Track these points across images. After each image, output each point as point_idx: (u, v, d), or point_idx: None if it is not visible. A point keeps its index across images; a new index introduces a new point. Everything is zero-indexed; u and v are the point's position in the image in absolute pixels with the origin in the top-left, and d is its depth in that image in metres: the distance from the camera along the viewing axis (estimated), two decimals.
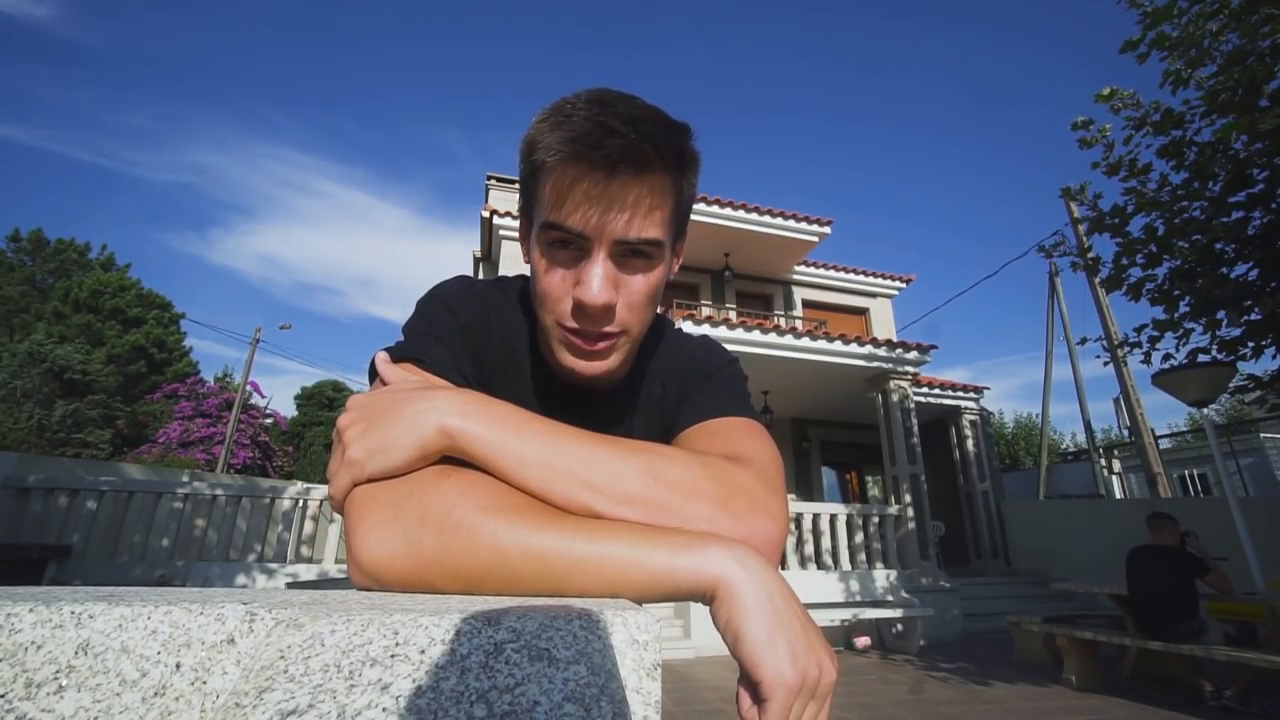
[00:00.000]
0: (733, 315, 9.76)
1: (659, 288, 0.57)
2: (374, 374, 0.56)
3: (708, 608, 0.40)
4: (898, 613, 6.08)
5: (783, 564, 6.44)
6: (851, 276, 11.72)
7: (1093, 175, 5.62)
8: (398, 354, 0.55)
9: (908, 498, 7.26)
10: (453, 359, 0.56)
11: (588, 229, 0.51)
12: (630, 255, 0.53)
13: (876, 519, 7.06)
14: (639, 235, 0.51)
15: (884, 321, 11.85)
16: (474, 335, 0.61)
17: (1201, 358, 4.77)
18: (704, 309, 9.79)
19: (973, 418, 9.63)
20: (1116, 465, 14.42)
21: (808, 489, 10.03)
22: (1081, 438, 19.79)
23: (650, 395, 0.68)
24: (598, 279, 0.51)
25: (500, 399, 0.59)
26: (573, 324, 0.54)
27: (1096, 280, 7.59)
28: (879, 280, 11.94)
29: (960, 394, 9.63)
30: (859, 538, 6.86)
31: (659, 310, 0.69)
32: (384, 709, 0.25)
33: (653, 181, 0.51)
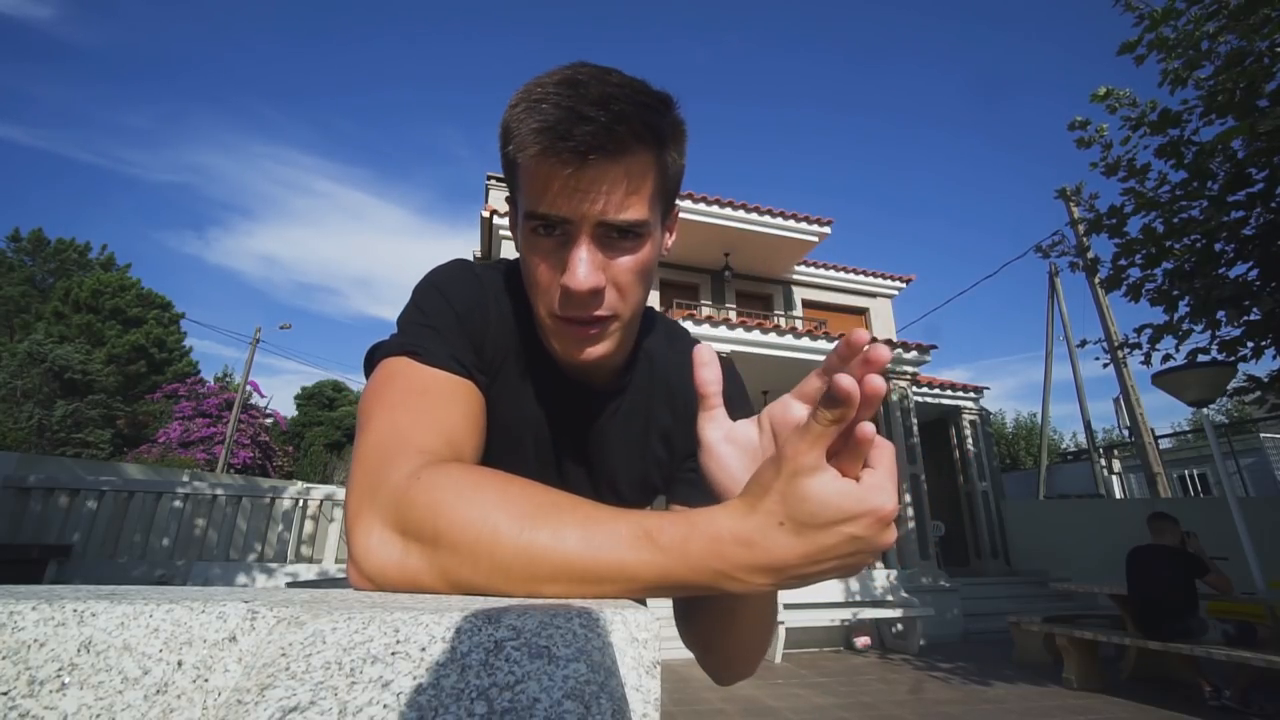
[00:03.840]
0: (733, 315, 9.75)
1: (649, 267, 0.55)
2: (369, 370, 0.55)
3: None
4: (897, 612, 6.08)
5: None
6: (851, 276, 11.72)
7: (1091, 175, 5.62)
8: (393, 348, 0.54)
9: (908, 498, 7.26)
10: (450, 349, 0.55)
11: (567, 215, 0.50)
12: (615, 236, 0.52)
13: None
14: (620, 217, 0.50)
15: (884, 321, 11.84)
16: (473, 322, 0.59)
17: (1201, 358, 4.76)
18: (704, 309, 9.79)
19: (973, 418, 9.63)
20: (1116, 465, 14.43)
21: None
22: (1081, 438, 19.78)
23: (659, 398, 0.68)
24: (582, 264, 0.50)
25: (503, 387, 0.58)
26: (562, 312, 0.53)
27: (1096, 280, 7.60)
28: (879, 280, 11.94)
29: (960, 394, 9.62)
30: None
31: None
32: (385, 706, 0.25)
33: (630, 163, 0.49)
